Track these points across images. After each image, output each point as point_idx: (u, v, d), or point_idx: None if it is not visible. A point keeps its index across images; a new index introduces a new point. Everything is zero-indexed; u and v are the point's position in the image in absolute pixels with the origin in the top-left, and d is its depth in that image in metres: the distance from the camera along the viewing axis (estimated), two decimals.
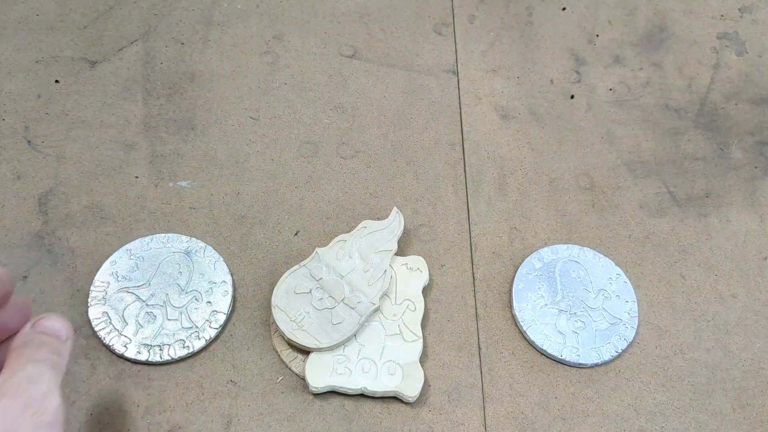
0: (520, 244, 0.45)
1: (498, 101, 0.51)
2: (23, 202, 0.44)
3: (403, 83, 0.51)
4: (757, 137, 0.51)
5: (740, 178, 0.49)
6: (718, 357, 0.42)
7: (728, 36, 0.56)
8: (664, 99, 0.52)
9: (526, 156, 0.49)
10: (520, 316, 0.42)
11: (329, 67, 0.51)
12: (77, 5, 0.53)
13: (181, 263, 0.42)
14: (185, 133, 0.48)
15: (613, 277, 0.44)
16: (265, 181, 0.46)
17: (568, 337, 0.41)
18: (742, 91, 0.53)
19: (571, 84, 0.52)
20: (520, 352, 0.41)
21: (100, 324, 0.40)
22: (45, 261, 0.42)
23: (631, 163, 0.49)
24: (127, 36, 0.52)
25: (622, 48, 0.54)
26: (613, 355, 0.41)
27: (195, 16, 0.53)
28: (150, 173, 0.46)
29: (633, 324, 0.42)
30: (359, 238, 0.42)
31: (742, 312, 0.43)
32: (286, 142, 0.48)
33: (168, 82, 0.50)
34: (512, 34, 0.54)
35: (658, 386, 0.41)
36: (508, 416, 0.39)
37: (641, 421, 0.40)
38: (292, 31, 0.53)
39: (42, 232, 0.43)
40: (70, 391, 0.38)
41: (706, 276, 0.45)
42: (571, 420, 0.39)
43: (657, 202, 0.47)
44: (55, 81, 0.49)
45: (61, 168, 0.46)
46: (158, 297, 0.41)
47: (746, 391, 0.41)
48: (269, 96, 0.50)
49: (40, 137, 0.47)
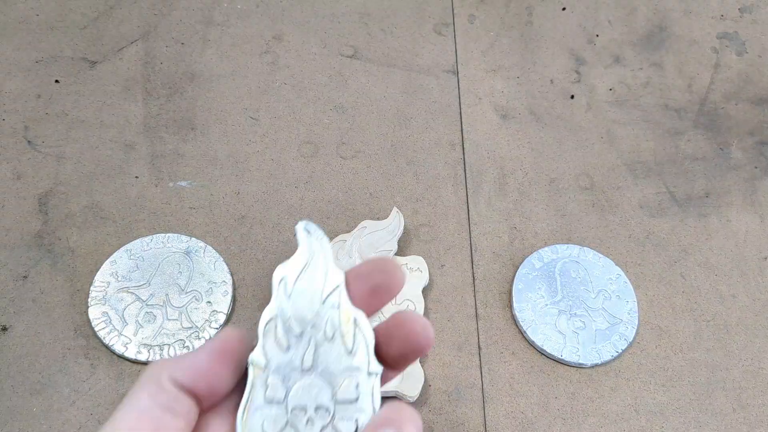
0: (520, 244, 0.45)
1: (498, 101, 0.51)
2: (23, 202, 0.44)
3: (403, 83, 0.51)
4: (757, 137, 0.51)
5: (740, 178, 0.49)
6: (718, 357, 0.42)
7: (728, 36, 0.56)
8: (664, 99, 0.52)
9: (526, 156, 0.49)
10: (520, 316, 0.42)
11: (329, 67, 0.51)
12: (77, 5, 0.53)
13: (181, 263, 0.42)
14: (185, 133, 0.48)
15: (613, 277, 0.44)
16: (265, 181, 0.46)
17: (568, 337, 0.41)
18: (742, 91, 0.53)
19: (571, 84, 0.52)
20: (520, 352, 0.41)
21: (100, 324, 0.40)
22: (45, 261, 0.42)
23: (631, 163, 0.49)
24: (127, 36, 0.52)
25: (622, 48, 0.54)
26: (613, 355, 0.41)
27: (195, 16, 0.53)
28: (150, 173, 0.46)
29: (633, 324, 0.42)
30: (359, 238, 0.42)
31: (742, 312, 0.43)
32: (286, 142, 0.48)
33: (168, 82, 0.50)
34: (512, 34, 0.54)
35: (658, 386, 0.41)
36: (508, 416, 0.39)
37: (641, 421, 0.40)
38: (292, 31, 0.53)
39: (42, 232, 0.43)
40: (70, 391, 0.38)
41: (706, 276, 0.45)
42: (571, 420, 0.39)
43: (657, 202, 0.47)
44: (55, 81, 0.49)
45: (61, 168, 0.46)
46: (158, 297, 0.41)
47: (746, 390, 0.41)
48: (269, 96, 0.50)
49: (40, 137, 0.47)
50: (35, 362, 0.39)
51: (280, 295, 0.27)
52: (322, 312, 0.27)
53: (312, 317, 0.27)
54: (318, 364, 0.26)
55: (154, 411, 0.24)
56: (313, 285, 0.27)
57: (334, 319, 0.27)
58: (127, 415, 0.24)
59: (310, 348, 0.27)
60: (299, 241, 0.28)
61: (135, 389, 0.24)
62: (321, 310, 0.27)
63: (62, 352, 0.39)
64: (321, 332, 0.27)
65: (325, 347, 0.27)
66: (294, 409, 0.26)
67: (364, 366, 0.26)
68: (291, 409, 0.26)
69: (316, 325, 0.27)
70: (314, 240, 0.28)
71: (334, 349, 0.27)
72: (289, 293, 0.27)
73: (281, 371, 0.26)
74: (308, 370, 0.26)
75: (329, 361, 0.26)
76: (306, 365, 0.26)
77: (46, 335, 0.40)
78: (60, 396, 0.38)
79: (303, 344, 0.27)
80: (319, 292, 0.27)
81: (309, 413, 0.26)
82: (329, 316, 0.27)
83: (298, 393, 0.26)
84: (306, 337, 0.27)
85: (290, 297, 0.27)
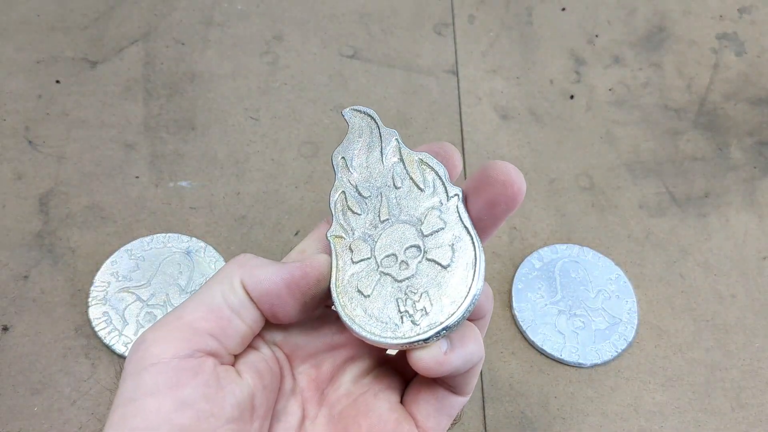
0: (520, 244, 0.45)
1: (498, 101, 0.51)
2: (24, 202, 0.44)
3: (403, 83, 0.51)
4: (756, 137, 0.51)
5: (739, 178, 0.49)
6: (717, 357, 0.42)
7: (727, 36, 0.56)
8: (664, 99, 0.52)
9: (526, 156, 0.49)
10: (520, 316, 0.42)
11: (329, 67, 0.52)
12: (78, 6, 0.53)
13: (181, 263, 0.42)
14: (185, 133, 0.48)
15: (612, 277, 0.44)
16: (265, 181, 0.46)
17: (568, 336, 0.42)
18: (742, 92, 0.53)
19: (571, 84, 0.52)
20: (520, 352, 0.42)
21: (101, 324, 0.40)
22: (46, 261, 0.42)
23: (631, 163, 0.49)
24: (128, 36, 0.52)
25: (621, 48, 0.54)
26: (612, 354, 0.41)
27: (195, 16, 0.53)
28: (150, 173, 0.46)
29: (632, 324, 0.42)
30: None
31: (741, 312, 0.44)
32: (286, 142, 0.48)
33: (168, 83, 0.50)
34: (512, 34, 0.54)
35: (657, 386, 0.41)
36: (508, 416, 0.39)
37: (641, 421, 0.40)
38: (292, 31, 0.53)
39: (43, 232, 0.43)
40: (71, 391, 0.38)
41: (705, 276, 0.45)
42: (571, 420, 0.40)
43: (657, 202, 0.47)
44: (56, 81, 0.49)
45: (61, 168, 0.46)
46: (158, 297, 0.41)
47: (745, 390, 0.41)
48: (269, 96, 0.50)
49: (40, 137, 0.47)
50: (36, 362, 0.39)
51: (342, 171, 0.28)
52: (386, 170, 0.27)
53: (378, 178, 0.27)
54: (395, 212, 0.26)
55: (223, 310, 0.24)
56: (370, 153, 0.28)
57: (399, 170, 0.27)
58: (198, 306, 0.24)
59: (384, 202, 0.26)
60: (348, 123, 0.28)
61: (210, 283, 0.24)
62: (384, 169, 0.27)
63: (63, 351, 0.39)
64: (390, 185, 0.27)
65: (398, 195, 0.26)
66: (383, 258, 0.26)
67: (442, 195, 0.26)
68: (381, 260, 0.26)
69: (383, 183, 0.27)
70: (360, 117, 0.28)
71: (407, 194, 0.26)
72: (350, 167, 0.27)
73: (362, 234, 0.26)
74: (387, 221, 0.26)
75: (406, 206, 0.26)
76: (384, 218, 0.26)
77: (47, 335, 0.40)
78: (61, 395, 0.38)
79: (375, 202, 0.27)
80: (377, 155, 0.27)
81: (400, 257, 0.25)
82: (393, 169, 0.27)
83: (384, 243, 0.26)
84: (377, 196, 0.27)
85: (352, 170, 0.27)
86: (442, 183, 0.26)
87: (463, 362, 0.24)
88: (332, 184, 0.27)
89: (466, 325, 0.25)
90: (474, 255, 0.24)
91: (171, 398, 0.22)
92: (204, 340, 0.23)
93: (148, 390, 0.22)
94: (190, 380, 0.22)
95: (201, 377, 0.22)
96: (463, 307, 0.24)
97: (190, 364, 0.22)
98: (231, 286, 0.24)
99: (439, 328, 0.23)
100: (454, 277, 0.24)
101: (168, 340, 0.23)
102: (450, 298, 0.24)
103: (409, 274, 0.25)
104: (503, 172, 0.24)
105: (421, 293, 0.24)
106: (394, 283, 0.25)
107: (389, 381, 0.27)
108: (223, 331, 0.24)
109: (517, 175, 0.23)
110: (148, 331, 0.23)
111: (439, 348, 0.23)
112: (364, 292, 0.25)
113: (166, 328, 0.23)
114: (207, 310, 0.24)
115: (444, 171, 0.26)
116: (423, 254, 0.25)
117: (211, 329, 0.23)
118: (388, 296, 0.25)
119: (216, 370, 0.23)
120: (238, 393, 0.23)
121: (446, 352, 0.23)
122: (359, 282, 0.25)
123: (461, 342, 0.24)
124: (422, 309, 0.24)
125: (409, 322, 0.24)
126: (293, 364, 0.27)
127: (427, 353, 0.23)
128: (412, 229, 0.26)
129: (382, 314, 0.24)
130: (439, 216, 0.25)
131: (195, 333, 0.23)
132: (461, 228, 0.25)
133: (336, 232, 0.27)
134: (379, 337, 0.24)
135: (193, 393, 0.22)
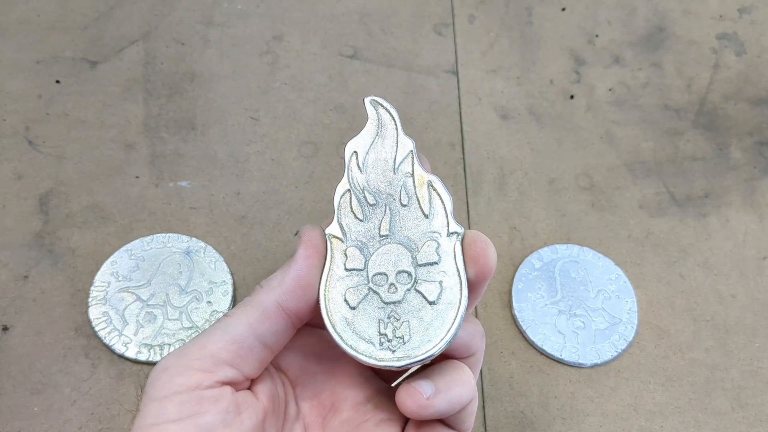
0: (519, 244, 0.45)
1: (498, 101, 0.51)
2: (24, 202, 0.44)
3: (403, 83, 0.51)
4: (756, 137, 0.51)
5: (739, 178, 0.49)
6: (717, 356, 0.42)
7: (727, 36, 0.56)
8: (664, 99, 0.52)
9: (526, 156, 0.49)
10: (520, 316, 0.42)
11: (329, 67, 0.52)
12: (78, 6, 0.53)
13: (181, 263, 0.42)
14: (185, 133, 0.48)
15: (612, 277, 0.44)
16: (265, 181, 0.46)
17: (568, 336, 0.42)
18: (741, 92, 0.53)
19: (571, 84, 0.52)
20: (520, 352, 0.42)
21: (101, 324, 0.40)
22: (46, 261, 0.42)
23: (631, 163, 0.49)
24: (128, 36, 0.52)
25: (621, 48, 0.54)
26: (612, 354, 0.41)
27: (195, 16, 0.53)
28: (150, 173, 0.46)
29: (632, 324, 0.42)
30: None
31: (741, 312, 0.44)
32: (286, 142, 0.48)
33: (168, 83, 0.50)
34: (512, 34, 0.54)
35: (657, 386, 0.41)
36: (508, 416, 0.39)
37: (641, 421, 0.40)
38: (292, 31, 0.53)
39: (42, 232, 0.43)
40: (71, 391, 0.38)
41: (705, 276, 0.45)
42: (571, 420, 0.40)
43: (657, 202, 0.47)
44: (56, 81, 0.49)
45: (61, 168, 0.46)
46: (158, 297, 0.41)
47: (745, 390, 0.41)
48: (269, 96, 0.50)
49: (40, 137, 0.47)
50: (36, 362, 0.39)
51: (353, 168, 0.27)
52: (396, 180, 0.27)
53: (386, 186, 0.27)
54: (395, 230, 0.26)
55: (246, 340, 0.25)
56: (384, 155, 0.27)
57: (409, 186, 0.26)
58: (222, 336, 0.25)
59: (387, 215, 0.26)
60: (368, 113, 0.28)
61: (236, 312, 0.26)
62: (394, 178, 0.27)
63: (63, 351, 0.40)
64: (396, 200, 0.26)
65: (402, 213, 0.26)
66: (375, 275, 0.26)
67: (443, 228, 0.26)
68: (372, 276, 0.26)
69: (390, 194, 0.27)
70: (382, 111, 0.28)
71: (410, 215, 0.26)
72: (361, 166, 0.27)
73: (359, 241, 0.26)
74: (386, 237, 0.26)
75: (407, 227, 0.26)
76: (383, 232, 0.26)
77: (47, 335, 0.40)
78: (61, 396, 0.38)
79: (379, 213, 0.26)
80: (390, 161, 0.27)
81: (390, 279, 0.26)
82: (403, 183, 0.26)
83: (378, 260, 0.26)
84: (381, 206, 0.26)
85: (362, 169, 0.27)
86: (446, 216, 0.26)
87: (448, 406, 0.24)
88: (340, 178, 0.27)
89: (455, 367, 0.25)
90: (459, 298, 0.25)
91: (193, 425, 0.23)
92: (224, 372, 0.24)
93: (171, 417, 0.23)
94: (211, 407, 0.23)
95: (221, 404, 0.24)
96: (438, 347, 0.24)
97: (211, 393, 0.24)
98: (263, 313, 0.25)
99: (411, 361, 0.24)
100: (437, 316, 0.25)
101: (192, 371, 0.24)
102: (428, 335, 0.24)
103: (396, 299, 0.25)
104: (480, 250, 0.25)
105: (403, 321, 0.25)
106: (380, 303, 0.25)
107: (391, 411, 0.27)
108: (243, 360, 0.25)
109: (492, 254, 0.25)
110: (171, 358, 0.24)
111: (422, 392, 0.24)
112: (350, 303, 0.25)
113: (189, 357, 0.24)
114: (230, 340, 0.25)
115: (451, 204, 0.26)
116: (413, 283, 0.25)
117: (232, 360, 0.24)
118: (372, 314, 0.25)
119: (234, 396, 0.24)
120: (254, 417, 0.24)
121: (429, 397, 0.24)
122: (347, 291, 0.26)
123: (447, 386, 0.24)
124: (401, 337, 0.25)
125: (386, 346, 0.25)
126: (296, 391, 0.28)
127: (410, 397, 0.24)
128: (408, 255, 0.26)
129: (363, 330, 0.25)
130: (436, 249, 0.26)
131: (217, 364, 0.24)
132: (454, 268, 0.25)
133: (335, 231, 0.27)
134: (354, 351, 0.25)
135: (213, 419, 0.23)
